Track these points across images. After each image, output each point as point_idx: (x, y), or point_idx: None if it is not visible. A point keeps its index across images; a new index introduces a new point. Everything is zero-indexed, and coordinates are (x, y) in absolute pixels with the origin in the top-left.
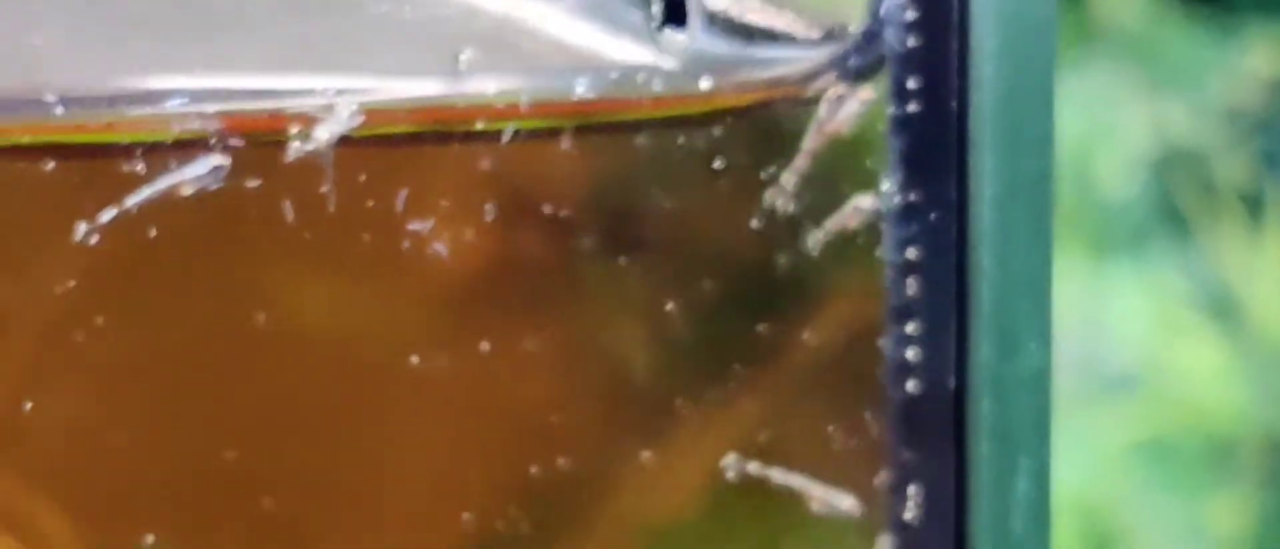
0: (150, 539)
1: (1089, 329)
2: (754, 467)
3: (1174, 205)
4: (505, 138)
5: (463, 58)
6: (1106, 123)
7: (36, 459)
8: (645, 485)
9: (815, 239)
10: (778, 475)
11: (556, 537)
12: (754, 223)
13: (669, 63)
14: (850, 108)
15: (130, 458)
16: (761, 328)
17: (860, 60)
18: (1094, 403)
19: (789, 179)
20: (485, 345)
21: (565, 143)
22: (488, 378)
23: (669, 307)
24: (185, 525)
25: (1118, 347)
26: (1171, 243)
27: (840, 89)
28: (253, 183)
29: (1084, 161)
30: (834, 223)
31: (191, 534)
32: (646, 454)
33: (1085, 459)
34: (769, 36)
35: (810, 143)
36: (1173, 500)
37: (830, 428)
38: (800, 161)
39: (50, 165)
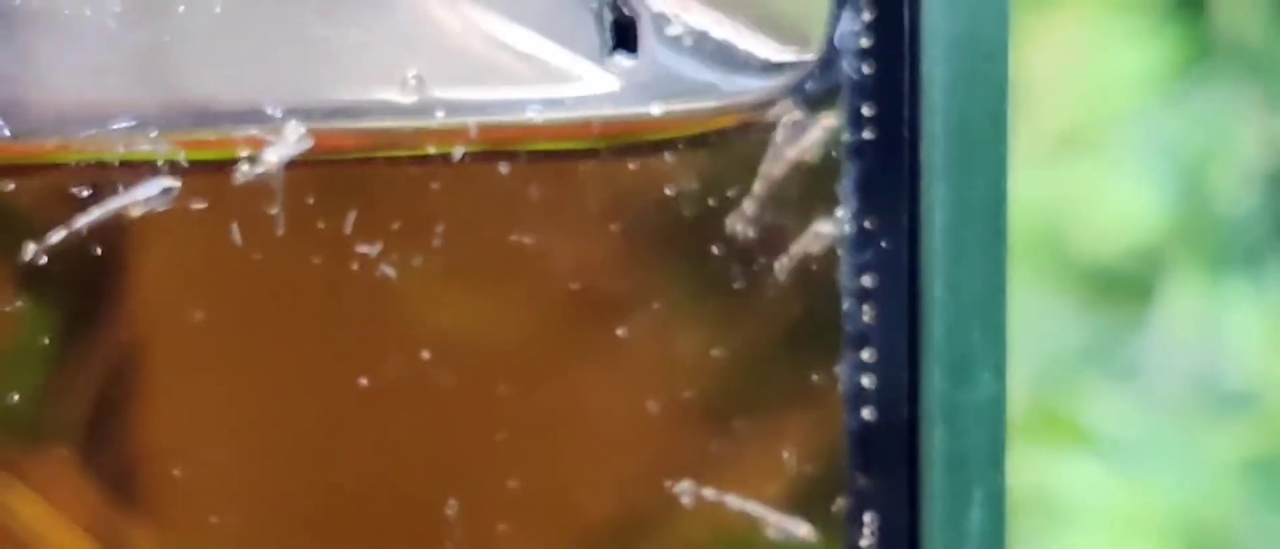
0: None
1: (1204, 345)
2: (710, 492)
3: None
4: (454, 159)
5: (410, 77)
6: (1224, 138)
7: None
8: (601, 506)
9: (777, 265)
10: (733, 502)
11: None
12: (712, 249)
13: (618, 87)
14: (812, 134)
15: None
16: (718, 353)
17: (816, 87)
18: (1207, 419)
19: (748, 205)
20: (429, 376)
21: (512, 168)
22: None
23: (622, 333)
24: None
25: (1233, 363)
26: None
27: (796, 115)
28: (200, 205)
29: (1200, 177)
30: (796, 248)
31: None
32: (603, 475)
33: (1197, 476)
34: (722, 62)
35: (768, 168)
36: None
37: (787, 454)
38: (759, 187)
39: (3, 185)
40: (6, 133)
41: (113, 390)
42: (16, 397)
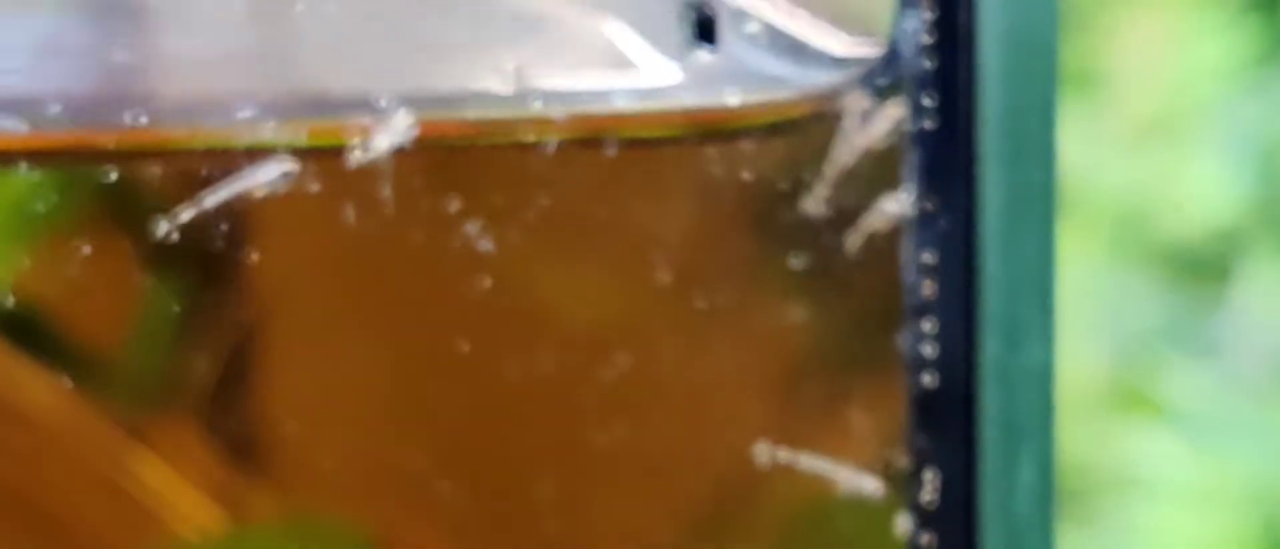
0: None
1: (1278, 322)
2: (785, 453)
3: None
4: (550, 146)
5: (510, 69)
6: None
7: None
8: (692, 468)
9: (846, 243)
10: (807, 461)
11: (581, 511)
12: (786, 228)
13: (699, 79)
14: (880, 122)
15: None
16: (793, 324)
17: (882, 79)
18: None
19: (820, 187)
20: (520, 356)
21: (603, 154)
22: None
23: (705, 306)
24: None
25: None
26: None
27: (866, 104)
28: (315, 187)
29: (1278, 162)
30: (863, 225)
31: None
32: (693, 438)
33: (1274, 451)
34: (794, 56)
35: (839, 154)
36: None
37: (855, 416)
38: (829, 170)
39: (137, 170)
40: (143, 120)
41: (236, 360)
42: (145, 365)
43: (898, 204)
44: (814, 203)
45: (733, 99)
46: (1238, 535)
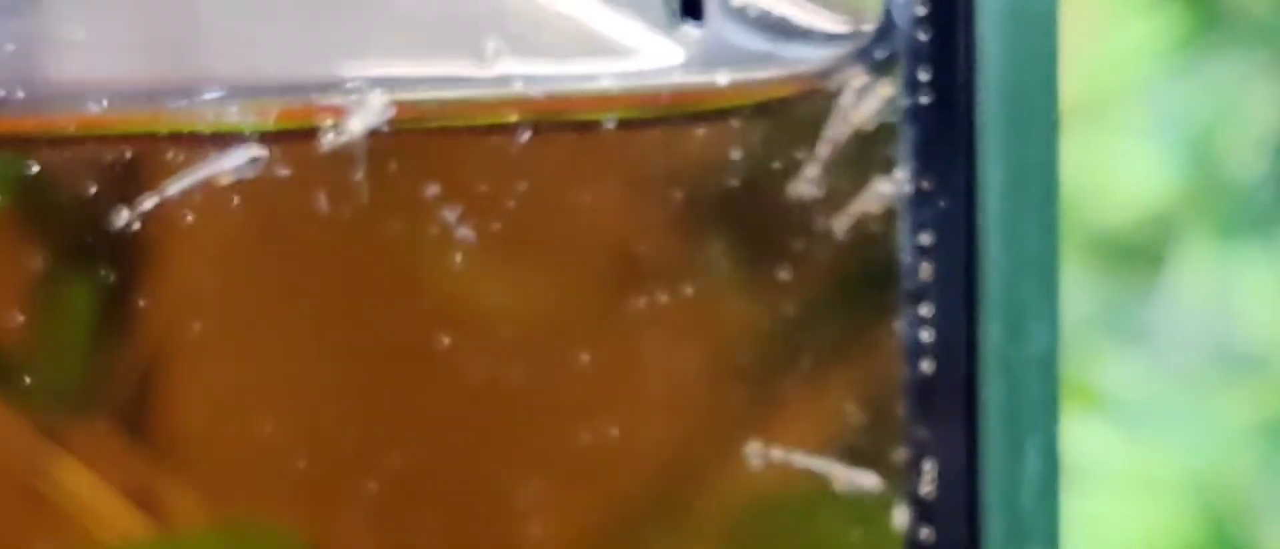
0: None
1: (1215, 310)
2: (777, 450)
3: None
4: (525, 132)
5: (489, 49)
6: (1232, 106)
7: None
8: (667, 464)
9: (838, 225)
10: (800, 458)
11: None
12: (776, 210)
13: (685, 58)
14: (874, 101)
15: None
16: (782, 311)
17: (877, 54)
18: (1219, 384)
19: (813, 166)
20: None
21: (586, 135)
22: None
23: (691, 292)
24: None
25: (1244, 328)
26: None
27: (864, 79)
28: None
29: (1210, 144)
30: (856, 207)
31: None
32: (670, 433)
33: (1209, 439)
34: (783, 33)
35: (834, 131)
36: None
37: (849, 407)
38: (824, 149)
39: (97, 155)
40: (104, 104)
41: (157, 358)
42: (62, 365)
43: (893, 184)
44: (806, 184)
45: (721, 78)
46: (1175, 524)
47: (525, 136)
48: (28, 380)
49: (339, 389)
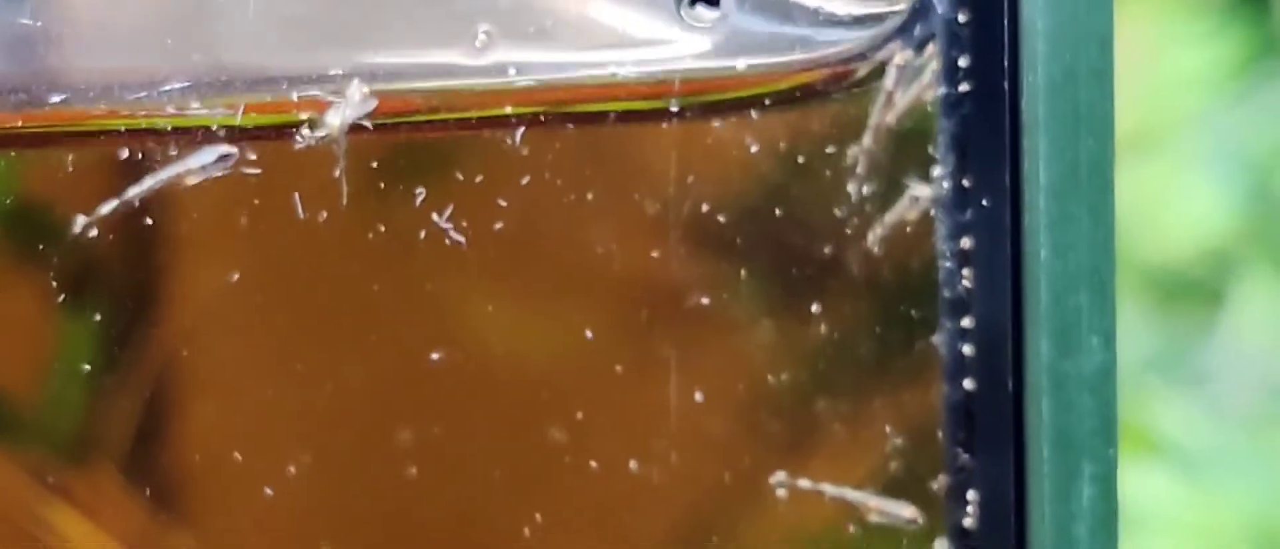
0: None
1: (1274, 348)
2: (805, 481)
3: None
4: (528, 121)
5: (480, 34)
6: None
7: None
8: (677, 500)
9: (872, 229)
10: (831, 489)
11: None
12: (802, 210)
13: (698, 44)
14: (909, 90)
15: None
16: (810, 321)
17: (911, 39)
18: (1277, 423)
19: (854, 157)
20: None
21: (589, 129)
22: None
23: (706, 301)
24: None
25: None
26: None
27: (906, 57)
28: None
29: (1270, 175)
30: (892, 212)
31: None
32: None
33: (1268, 484)
34: (807, 16)
35: (877, 117)
36: None
37: (884, 432)
38: (867, 138)
39: (51, 154)
40: (54, 99)
41: (155, 404)
42: (60, 414)
43: (930, 184)
44: (830, 183)
45: (739, 64)
46: None
47: (521, 132)
48: (27, 430)
49: (342, 431)
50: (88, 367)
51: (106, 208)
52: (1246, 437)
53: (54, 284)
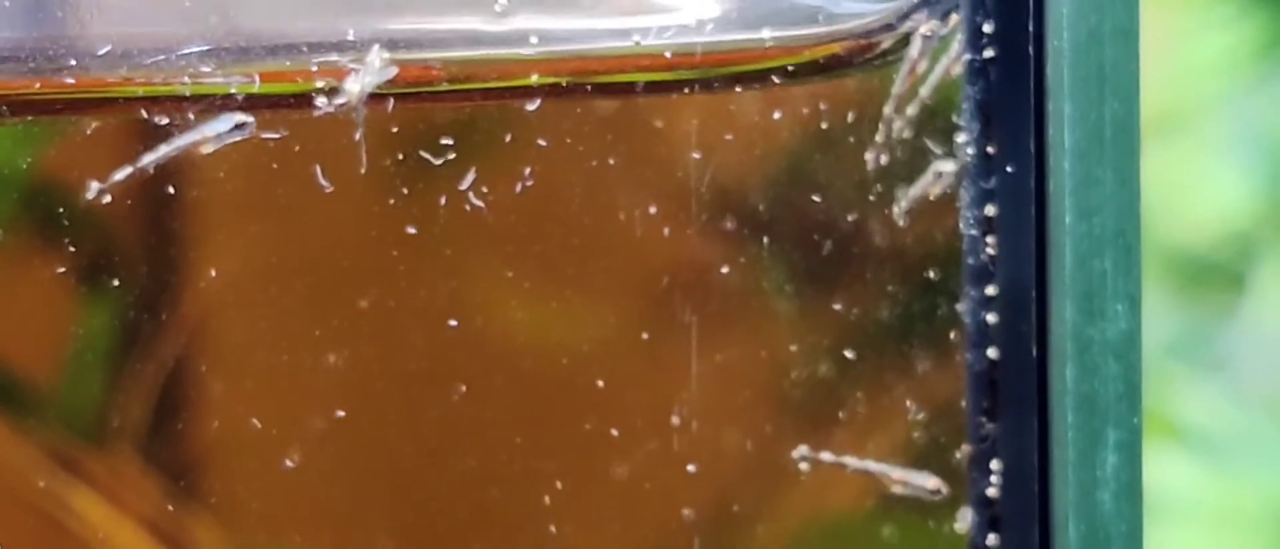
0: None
1: None
2: (828, 455)
3: None
4: (550, 90)
5: (500, 2)
6: None
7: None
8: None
9: (896, 197)
10: (854, 462)
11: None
12: (824, 183)
13: (719, 12)
14: (934, 57)
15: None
16: (836, 289)
17: (935, 5)
18: None
19: (881, 128)
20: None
21: (609, 100)
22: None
23: (727, 272)
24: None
25: None
26: None
27: (932, 26)
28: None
29: None
30: (916, 190)
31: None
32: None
33: None
34: None
35: (901, 87)
36: None
37: (907, 401)
38: (891, 108)
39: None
40: (72, 63)
41: (175, 385)
42: (80, 394)
43: (955, 151)
44: (853, 153)
45: (763, 35)
46: None
47: (547, 96)
48: (47, 411)
49: (362, 403)
50: (104, 340)
51: (121, 174)
52: (1269, 421)
53: (71, 252)
